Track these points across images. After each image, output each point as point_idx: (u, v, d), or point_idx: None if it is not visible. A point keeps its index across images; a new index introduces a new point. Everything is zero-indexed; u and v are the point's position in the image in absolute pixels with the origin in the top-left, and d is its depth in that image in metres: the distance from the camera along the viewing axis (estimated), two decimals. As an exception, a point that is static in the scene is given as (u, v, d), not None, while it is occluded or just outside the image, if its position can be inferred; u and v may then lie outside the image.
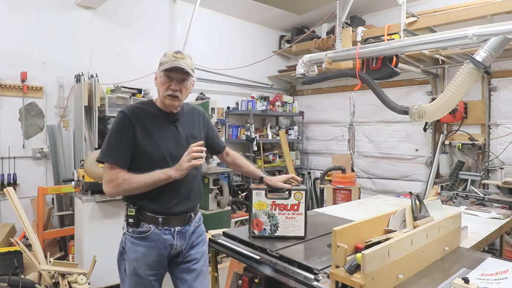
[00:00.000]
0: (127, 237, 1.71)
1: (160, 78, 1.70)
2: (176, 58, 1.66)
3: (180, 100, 1.73)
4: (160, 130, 1.71)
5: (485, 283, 1.25)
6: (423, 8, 4.57)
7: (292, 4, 3.59)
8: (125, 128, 1.65)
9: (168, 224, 1.70)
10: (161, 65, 1.68)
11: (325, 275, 1.37)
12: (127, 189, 1.62)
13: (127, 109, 1.70)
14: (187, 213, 1.76)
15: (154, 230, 1.68)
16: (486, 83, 4.33)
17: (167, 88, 1.68)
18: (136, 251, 1.68)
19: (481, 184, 4.12)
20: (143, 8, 4.80)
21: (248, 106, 5.48)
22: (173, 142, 1.72)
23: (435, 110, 2.36)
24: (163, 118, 1.75)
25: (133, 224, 1.68)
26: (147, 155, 1.66)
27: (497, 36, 2.14)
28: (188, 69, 1.67)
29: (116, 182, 1.61)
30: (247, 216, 2.08)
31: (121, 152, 1.64)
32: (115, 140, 1.66)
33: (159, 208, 1.69)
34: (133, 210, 1.68)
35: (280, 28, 6.37)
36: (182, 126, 1.79)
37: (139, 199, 1.68)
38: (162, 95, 1.71)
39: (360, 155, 5.50)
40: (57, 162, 3.98)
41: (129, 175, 1.62)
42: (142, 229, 1.68)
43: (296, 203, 1.78)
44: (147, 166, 1.63)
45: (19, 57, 3.82)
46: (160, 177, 1.61)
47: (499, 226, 2.22)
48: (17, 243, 2.76)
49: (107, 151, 1.66)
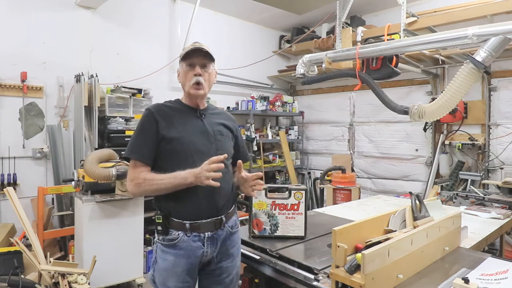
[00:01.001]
0: (157, 245, 1.64)
1: (183, 69, 1.68)
2: (195, 45, 1.65)
3: (205, 88, 1.67)
4: (185, 124, 1.65)
5: (485, 283, 1.25)
6: (423, 8, 4.57)
7: (292, 4, 3.59)
8: (149, 124, 1.62)
9: (196, 230, 1.59)
10: (181, 56, 1.67)
11: (325, 275, 1.37)
12: (148, 190, 1.57)
13: (152, 106, 1.70)
14: (217, 216, 1.64)
15: (183, 237, 1.58)
16: (486, 83, 4.32)
17: (191, 76, 1.64)
18: (166, 260, 1.60)
19: (481, 184, 4.12)
20: (143, 8, 4.80)
21: (248, 106, 5.48)
22: (199, 136, 1.65)
23: (435, 110, 2.36)
24: (189, 113, 1.70)
25: (162, 232, 1.61)
26: (172, 148, 1.60)
27: (497, 36, 2.14)
28: (209, 51, 1.65)
29: (137, 181, 1.57)
30: (247, 216, 2.07)
31: (144, 148, 1.60)
32: (138, 136, 1.63)
33: (185, 213, 1.60)
34: (160, 217, 1.60)
35: (280, 28, 6.36)
36: (209, 122, 1.71)
37: (165, 204, 1.62)
38: (188, 87, 1.67)
39: (360, 155, 5.50)
40: (57, 162, 3.98)
41: (150, 175, 1.57)
42: (171, 237, 1.60)
43: (296, 203, 1.78)
44: (172, 161, 1.58)
45: (19, 57, 3.81)
46: (181, 182, 1.52)
47: (499, 226, 2.22)
48: (17, 243, 2.76)
49: (131, 147, 1.63)
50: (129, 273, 3.17)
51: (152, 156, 1.60)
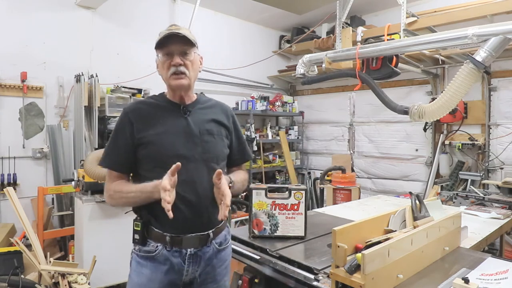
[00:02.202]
0: (133, 256, 1.47)
1: (159, 59, 1.47)
2: (171, 30, 1.41)
3: (189, 78, 1.44)
4: (165, 123, 1.43)
5: (485, 283, 1.25)
6: (423, 8, 4.57)
7: (292, 4, 3.59)
8: (123, 127, 1.44)
9: (178, 245, 1.39)
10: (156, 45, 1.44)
11: (325, 275, 1.37)
12: (120, 203, 1.44)
13: (128, 105, 1.52)
14: (203, 231, 1.42)
15: (162, 250, 1.39)
16: (486, 83, 4.32)
17: (169, 66, 1.42)
18: (141, 274, 1.41)
19: (481, 184, 4.12)
20: (143, 8, 4.80)
21: (248, 106, 5.48)
22: (182, 137, 1.43)
23: (435, 110, 2.36)
24: (172, 110, 1.48)
25: (138, 241, 1.42)
26: (148, 153, 1.41)
27: (497, 36, 2.14)
28: (188, 35, 1.40)
29: (109, 192, 1.43)
30: (247, 216, 2.08)
31: (116, 155, 1.44)
32: (111, 142, 1.47)
33: (166, 223, 1.38)
34: (139, 225, 1.42)
35: (280, 28, 6.36)
36: (195, 120, 1.48)
37: (145, 210, 1.43)
38: (167, 79, 1.45)
39: (360, 155, 5.50)
40: (57, 162, 3.98)
41: (119, 187, 1.40)
42: (148, 248, 1.41)
43: (296, 203, 1.78)
44: (150, 169, 1.40)
45: (19, 57, 3.81)
46: (148, 197, 1.34)
47: (499, 226, 2.22)
48: (17, 243, 2.76)
49: (104, 155, 1.48)
50: (129, 273, 3.17)
51: (128, 164, 1.44)
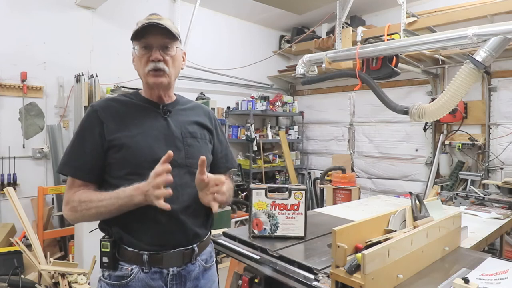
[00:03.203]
0: (102, 285, 1.23)
1: (136, 54, 1.27)
2: (151, 20, 1.25)
3: (169, 76, 1.27)
4: (142, 124, 1.25)
5: (485, 283, 1.25)
6: (423, 8, 4.57)
7: (292, 4, 3.59)
8: (90, 126, 1.23)
9: (158, 264, 1.20)
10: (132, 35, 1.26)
11: (325, 275, 1.36)
12: (86, 215, 1.18)
13: (97, 103, 1.30)
14: (187, 246, 1.25)
15: (138, 273, 1.18)
16: (486, 83, 4.32)
17: (147, 61, 1.24)
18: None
19: (481, 184, 4.12)
20: (143, 8, 4.79)
21: (248, 106, 5.48)
22: (161, 140, 1.25)
23: (435, 110, 2.37)
24: (149, 110, 1.30)
25: (108, 266, 1.20)
26: (122, 158, 1.20)
27: (497, 36, 2.15)
28: (170, 27, 1.25)
29: (72, 204, 1.18)
30: (247, 216, 2.07)
31: (81, 159, 1.21)
32: (75, 143, 1.24)
33: (142, 239, 1.19)
34: (108, 245, 1.20)
35: (280, 28, 6.36)
36: (176, 121, 1.32)
37: (115, 226, 1.22)
38: (144, 75, 1.27)
39: (360, 155, 5.50)
40: (57, 162, 3.98)
41: (86, 196, 1.17)
42: (121, 273, 1.19)
43: (296, 203, 1.78)
44: (125, 173, 1.20)
45: (19, 57, 3.82)
46: (127, 202, 1.13)
47: (499, 226, 2.22)
48: (17, 243, 2.76)
49: (64, 159, 1.24)
50: (129, 273, 3.17)
51: (95, 170, 1.21)
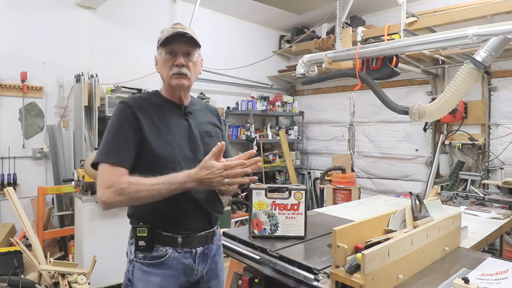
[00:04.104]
0: (135, 265, 1.36)
1: (161, 57, 1.42)
2: (176, 28, 1.39)
3: (189, 79, 1.42)
4: (170, 124, 1.39)
5: (485, 283, 1.25)
6: (423, 8, 4.57)
7: (292, 4, 3.59)
8: (129, 120, 1.33)
9: (189, 245, 1.38)
10: (159, 41, 1.41)
11: (325, 275, 1.36)
12: (134, 198, 1.26)
13: (129, 99, 1.40)
14: (210, 228, 1.45)
15: (172, 253, 1.35)
16: (486, 83, 4.32)
17: (171, 65, 1.39)
18: (149, 283, 1.33)
19: (481, 184, 4.12)
20: (143, 8, 4.80)
21: (248, 106, 5.48)
22: (185, 139, 1.41)
23: (435, 110, 2.37)
24: (173, 111, 1.44)
25: (145, 248, 1.34)
26: (155, 155, 1.33)
27: (497, 36, 2.15)
28: (193, 35, 1.41)
29: (119, 186, 1.24)
30: (247, 216, 2.07)
31: (125, 148, 1.30)
32: (117, 134, 1.32)
33: (177, 225, 1.36)
34: (145, 230, 1.33)
35: (280, 28, 6.36)
36: (195, 122, 1.47)
37: (151, 214, 1.35)
38: (167, 78, 1.41)
39: (360, 155, 5.50)
40: (57, 162, 3.98)
41: (136, 179, 1.26)
42: (156, 254, 1.34)
43: (296, 203, 1.77)
44: (155, 170, 1.30)
45: (19, 57, 3.81)
46: (178, 187, 1.26)
47: (499, 226, 2.22)
48: (17, 243, 2.76)
49: (106, 149, 1.31)
50: (129, 273, 3.17)
51: (133, 160, 1.32)
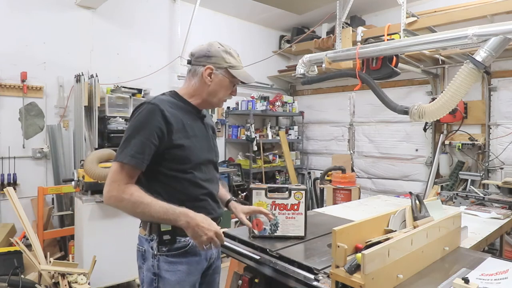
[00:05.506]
0: (159, 258, 1.43)
1: (224, 81, 1.50)
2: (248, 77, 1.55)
3: None
4: (193, 128, 1.49)
5: (485, 283, 1.25)
6: (423, 8, 4.57)
7: (292, 4, 3.59)
8: (157, 123, 1.36)
9: None
10: (232, 68, 1.50)
11: (325, 275, 1.36)
12: (128, 209, 1.34)
13: (157, 100, 1.42)
14: (220, 215, 1.59)
15: (193, 242, 1.45)
16: (486, 83, 4.32)
17: (228, 93, 1.55)
18: (177, 272, 1.43)
19: (481, 184, 4.12)
20: (143, 8, 4.80)
21: (248, 106, 5.48)
22: (204, 141, 1.54)
23: (435, 110, 2.37)
24: (194, 114, 1.53)
25: (170, 241, 1.43)
26: (184, 156, 1.42)
27: (497, 36, 2.14)
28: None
29: (121, 194, 1.32)
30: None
31: (148, 153, 1.36)
32: (144, 138, 1.34)
33: None
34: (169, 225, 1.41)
35: (280, 28, 6.36)
36: (207, 125, 1.61)
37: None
38: (218, 99, 1.53)
39: (360, 155, 5.50)
40: (57, 162, 3.98)
41: (140, 193, 1.33)
42: (180, 245, 1.45)
43: (296, 203, 1.78)
44: (185, 168, 1.43)
45: (19, 57, 3.81)
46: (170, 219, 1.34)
47: (499, 226, 2.22)
48: (17, 243, 2.76)
49: (130, 149, 1.34)
50: (129, 273, 3.16)
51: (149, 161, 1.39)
